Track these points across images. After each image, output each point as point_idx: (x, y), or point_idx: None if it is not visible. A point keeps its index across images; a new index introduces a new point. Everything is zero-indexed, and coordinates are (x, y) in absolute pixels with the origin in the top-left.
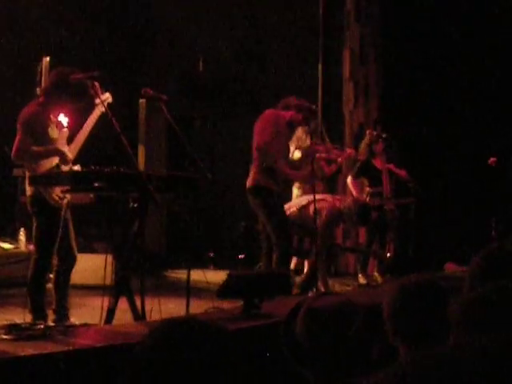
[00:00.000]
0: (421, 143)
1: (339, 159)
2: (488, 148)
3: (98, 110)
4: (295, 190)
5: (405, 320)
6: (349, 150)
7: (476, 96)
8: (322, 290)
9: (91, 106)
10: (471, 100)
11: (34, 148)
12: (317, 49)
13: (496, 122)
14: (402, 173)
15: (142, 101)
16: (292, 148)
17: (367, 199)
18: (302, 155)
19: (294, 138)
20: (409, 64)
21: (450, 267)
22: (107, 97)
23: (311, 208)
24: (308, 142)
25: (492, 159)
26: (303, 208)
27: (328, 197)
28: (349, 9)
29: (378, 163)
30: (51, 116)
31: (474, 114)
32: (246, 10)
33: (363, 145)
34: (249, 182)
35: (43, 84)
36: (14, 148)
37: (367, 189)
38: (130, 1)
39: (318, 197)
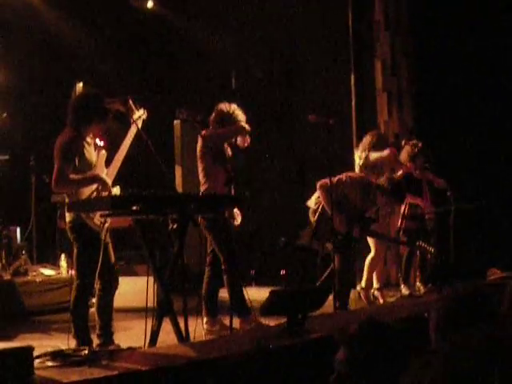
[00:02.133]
0: (457, 151)
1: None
2: None
3: (134, 128)
4: None
5: (452, 329)
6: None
7: (510, 100)
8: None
9: (128, 127)
10: (506, 104)
11: (73, 176)
12: (348, 61)
13: None
14: (440, 181)
15: (176, 122)
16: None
17: (406, 210)
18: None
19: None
20: (441, 71)
21: (493, 274)
22: (142, 113)
23: None
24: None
25: None
26: None
27: None
28: (378, 18)
29: (417, 173)
30: (88, 139)
31: (510, 119)
32: (276, 25)
33: (405, 156)
34: None
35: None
36: (53, 177)
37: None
38: (161, 22)
39: None
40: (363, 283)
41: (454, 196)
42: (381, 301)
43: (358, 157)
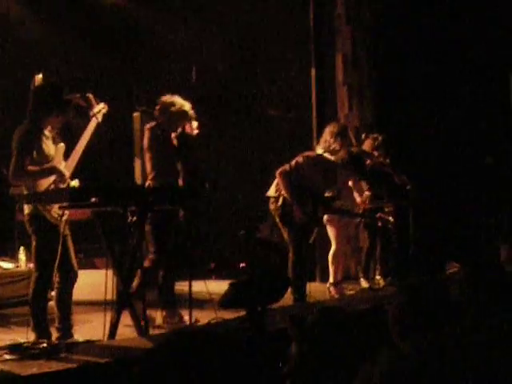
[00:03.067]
0: (417, 145)
1: None
2: (484, 148)
3: (94, 122)
4: None
5: (410, 322)
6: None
7: (472, 95)
8: None
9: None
10: (467, 99)
11: (31, 168)
12: (309, 54)
13: (492, 121)
14: (400, 176)
15: (136, 114)
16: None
17: (367, 203)
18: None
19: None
20: (402, 65)
21: (452, 267)
22: (102, 107)
23: None
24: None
25: None
26: None
27: None
28: (339, 12)
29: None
30: (46, 131)
31: (470, 114)
32: (236, 19)
33: (366, 150)
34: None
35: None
36: (10, 169)
37: (367, 192)
38: (122, 17)
39: None
40: (331, 278)
41: (413, 190)
42: (335, 296)
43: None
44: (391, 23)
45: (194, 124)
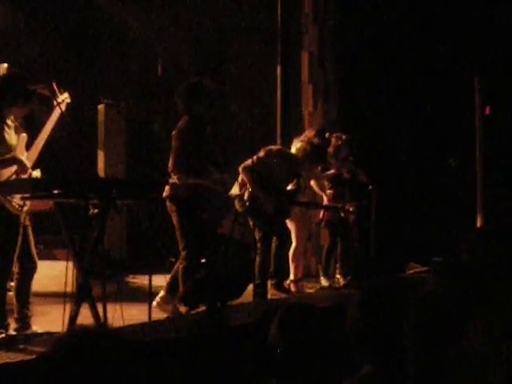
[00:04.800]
0: (380, 144)
1: None
2: (448, 148)
3: (57, 112)
4: None
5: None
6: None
7: (437, 96)
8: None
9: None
10: (432, 100)
11: None
12: (276, 52)
13: (456, 121)
14: (363, 175)
15: (100, 106)
16: None
17: (328, 201)
18: None
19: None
20: (368, 65)
21: (412, 268)
22: (65, 97)
23: None
24: None
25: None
26: None
27: None
28: (307, 11)
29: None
30: (8, 121)
31: (435, 113)
32: (204, 13)
33: (331, 150)
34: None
35: None
36: None
37: (328, 191)
38: (87, 8)
39: None
40: (291, 275)
41: (375, 190)
42: (295, 293)
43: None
44: (358, 23)
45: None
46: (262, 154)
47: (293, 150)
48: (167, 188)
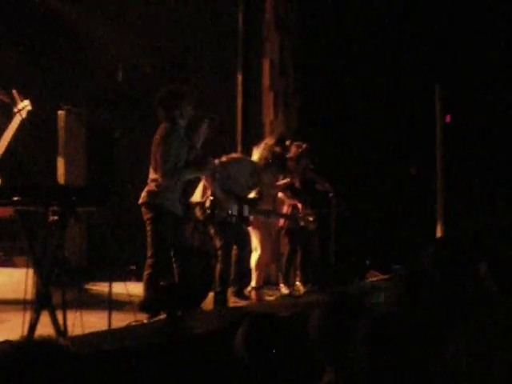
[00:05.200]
0: (341, 153)
1: None
2: (409, 157)
3: (17, 119)
4: None
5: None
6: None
7: (398, 104)
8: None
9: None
10: (393, 109)
11: None
12: (238, 58)
13: (416, 131)
14: (323, 184)
15: (60, 112)
16: None
17: (289, 210)
18: None
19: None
20: (329, 73)
21: (372, 276)
22: (26, 104)
23: None
24: None
25: None
26: None
27: None
28: (268, 19)
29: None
30: None
31: (395, 122)
32: (165, 21)
33: (291, 158)
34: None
35: None
36: None
37: (288, 200)
38: (47, 14)
39: None
40: (253, 282)
41: (335, 198)
42: (256, 301)
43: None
44: (319, 31)
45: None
46: (223, 160)
47: (254, 158)
48: (143, 195)
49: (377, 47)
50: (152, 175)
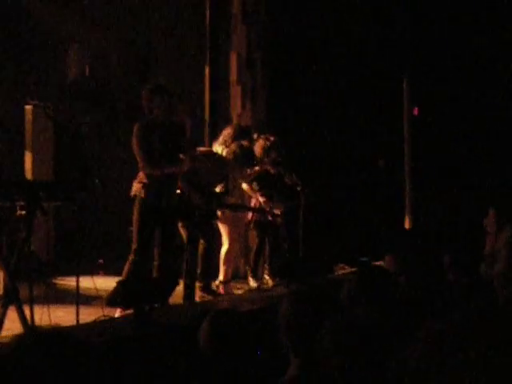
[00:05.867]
0: (309, 145)
1: None
2: (377, 149)
3: None
4: None
5: (297, 328)
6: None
7: (366, 97)
8: None
9: None
10: (360, 102)
11: None
12: (205, 52)
13: (384, 123)
14: (291, 176)
15: (28, 107)
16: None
17: (257, 204)
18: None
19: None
20: (296, 67)
21: (341, 269)
22: None
23: None
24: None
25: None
26: None
27: None
28: (235, 11)
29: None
30: None
31: (363, 114)
32: (132, 14)
33: (259, 150)
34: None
35: None
36: None
37: (257, 193)
38: (13, 8)
39: None
40: (221, 277)
41: (303, 191)
42: (223, 295)
43: (220, 149)
44: (287, 24)
45: None
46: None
47: (218, 150)
48: (133, 187)
49: (344, 39)
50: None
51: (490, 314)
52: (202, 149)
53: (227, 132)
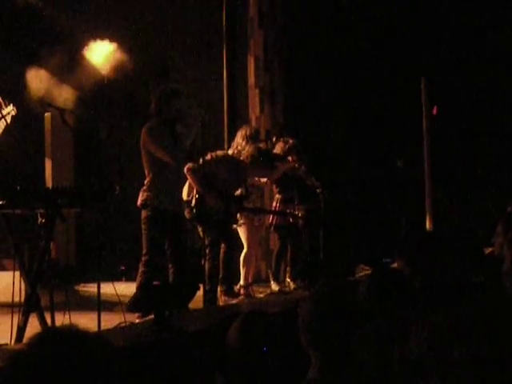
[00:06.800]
0: (327, 148)
1: None
2: (396, 149)
3: (2, 124)
4: None
5: (319, 330)
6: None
7: (384, 99)
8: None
9: None
10: (377, 103)
11: None
12: (222, 56)
13: (403, 124)
14: (311, 179)
15: (47, 114)
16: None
17: (278, 206)
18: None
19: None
20: (314, 69)
21: (362, 270)
22: (11, 109)
23: None
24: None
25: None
26: None
27: None
28: (252, 15)
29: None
30: None
31: (382, 115)
32: (151, 18)
33: (278, 153)
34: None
35: None
36: None
37: (277, 196)
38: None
39: None
40: (242, 280)
41: (323, 193)
42: (245, 298)
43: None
44: (304, 26)
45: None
46: (208, 157)
47: (231, 152)
48: (140, 196)
49: (362, 40)
50: (147, 177)
51: (494, 311)
52: (219, 152)
53: (242, 133)
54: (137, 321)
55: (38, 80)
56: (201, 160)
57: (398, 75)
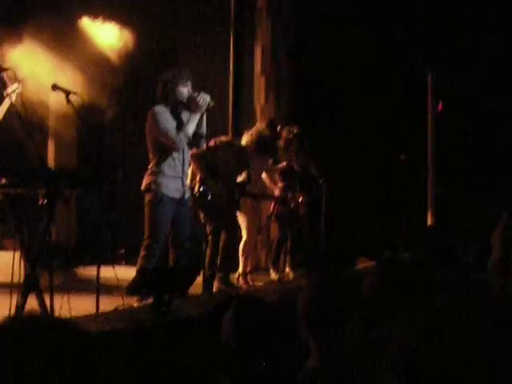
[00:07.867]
0: (332, 138)
1: None
2: (399, 144)
3: (7, 102)
4: None
5: (318, 319)
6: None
7: (388, 92)
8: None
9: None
10: (383, 96)
11: None
12: (229, 44)
13: (407, 118)
14: (313, 168)
15: (52, 95)
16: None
17: (279, 194)
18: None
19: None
20: (320, 59)
21: (362, 262)
22: (16, 87)
23: None
24: None
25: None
26: None
27: None
28: (260, 4)
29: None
30: None
31: (387, 108)
32: (158, 5)
33: (282, 143)
34: None
35: None
36: None
37: (279, 184)
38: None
39: None
40: (240, 268)
41: (326, 183)
42: (243, 286)
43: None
44: (312, 16)
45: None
46: (211, 143)
47: (243, 141)
48: (144, 180)
49: (369, 33)
50: (151, 161)
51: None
52: (222, 138)
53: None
54: (135, 304)
55: (42, 60)
56: (205, 146)
57: (404, 69)
